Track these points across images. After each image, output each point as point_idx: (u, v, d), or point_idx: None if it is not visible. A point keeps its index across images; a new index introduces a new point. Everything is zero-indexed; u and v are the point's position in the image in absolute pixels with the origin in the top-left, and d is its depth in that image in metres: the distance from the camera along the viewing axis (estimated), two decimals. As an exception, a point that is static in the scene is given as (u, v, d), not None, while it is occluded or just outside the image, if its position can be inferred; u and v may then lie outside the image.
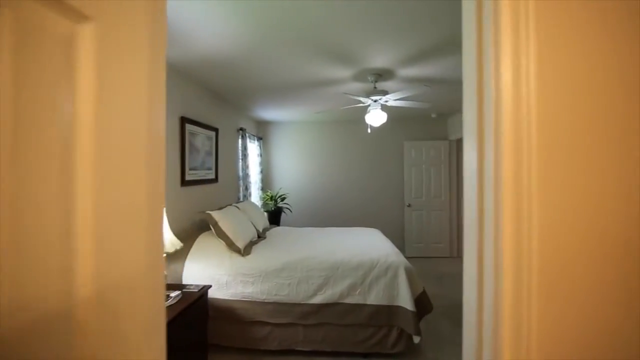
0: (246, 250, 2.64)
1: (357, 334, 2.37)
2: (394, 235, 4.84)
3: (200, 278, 2.40)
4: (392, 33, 2.08)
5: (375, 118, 3.05)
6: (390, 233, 4.78)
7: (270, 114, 4.82)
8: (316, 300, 2.37)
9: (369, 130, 4.09)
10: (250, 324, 2.40)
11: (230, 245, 2.58)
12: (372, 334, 2.36)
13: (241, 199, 4.26)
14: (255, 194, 5.03)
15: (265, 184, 5.52)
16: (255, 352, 2.41)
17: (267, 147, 5.60)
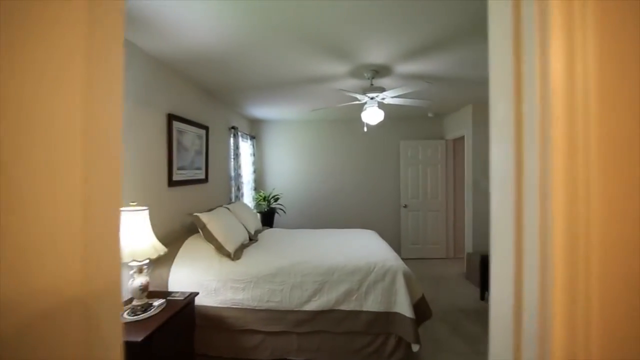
0: (236, 254, 2.51)
1: (354, 342, 2.26)
2: (389, 237, 4.75)
3: (187, 284, 2.26)
4: (389, 26, 1.98)
5: (372, 116, 2.95)
6: (386, 234, 4.69)
7: (264, 112, 4.68)
8: (310, 307, 2.25)
9: (365, 129, 3.98)
10: (241, 332, 2.28)
11: (220, 248, 2.45)
12: (369, 342, 2.25)
13: (233, 200, 4.12)
14: (247, 195, 4.89)
15: (258, 184, 5.37)
16: (246, 362, 2.28)
17: (261, 147, 5.45)
